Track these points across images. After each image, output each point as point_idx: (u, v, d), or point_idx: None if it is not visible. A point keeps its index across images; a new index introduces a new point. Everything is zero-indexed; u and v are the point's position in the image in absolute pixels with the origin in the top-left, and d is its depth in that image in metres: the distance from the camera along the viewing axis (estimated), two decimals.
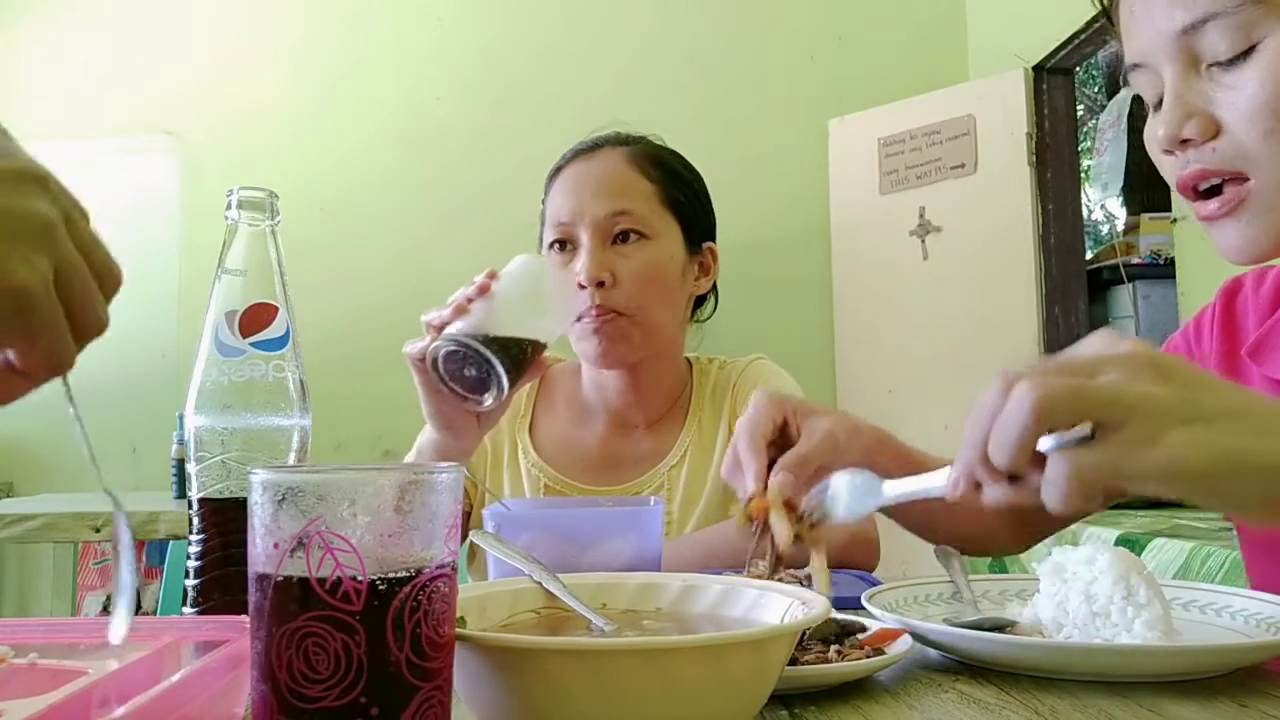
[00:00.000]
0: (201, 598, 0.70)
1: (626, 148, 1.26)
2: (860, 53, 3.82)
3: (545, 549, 0.74)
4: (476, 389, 0.98)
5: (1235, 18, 0.68)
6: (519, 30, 3.81)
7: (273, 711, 0.40)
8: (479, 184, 3.67)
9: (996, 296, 3.26)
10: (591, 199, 1.21)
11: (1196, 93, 0.72)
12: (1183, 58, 0.72)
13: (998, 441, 0.54)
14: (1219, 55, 0.70)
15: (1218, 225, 0.74)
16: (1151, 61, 0.74)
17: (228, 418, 0.70)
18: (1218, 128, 0.71)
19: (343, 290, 3.48)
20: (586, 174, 1.24)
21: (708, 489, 1.24)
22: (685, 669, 0.45)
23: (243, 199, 0.73)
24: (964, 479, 0.59)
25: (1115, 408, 0.52)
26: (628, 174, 1.23)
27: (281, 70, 3.76)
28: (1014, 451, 0.54)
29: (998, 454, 0.55)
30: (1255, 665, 0.64)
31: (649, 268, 1.20)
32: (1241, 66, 0.69)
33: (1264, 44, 0.68)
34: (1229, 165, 0.71)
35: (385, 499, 0.41)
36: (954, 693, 0.60)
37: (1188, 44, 0.71)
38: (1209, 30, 0.69)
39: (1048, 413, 0.52)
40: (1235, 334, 0.90)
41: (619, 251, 1.20)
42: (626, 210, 1.20)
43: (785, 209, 3.70)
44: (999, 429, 0.54)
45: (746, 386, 1.28)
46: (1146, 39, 0.74)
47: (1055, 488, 0.53)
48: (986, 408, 0.56)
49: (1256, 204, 0.72)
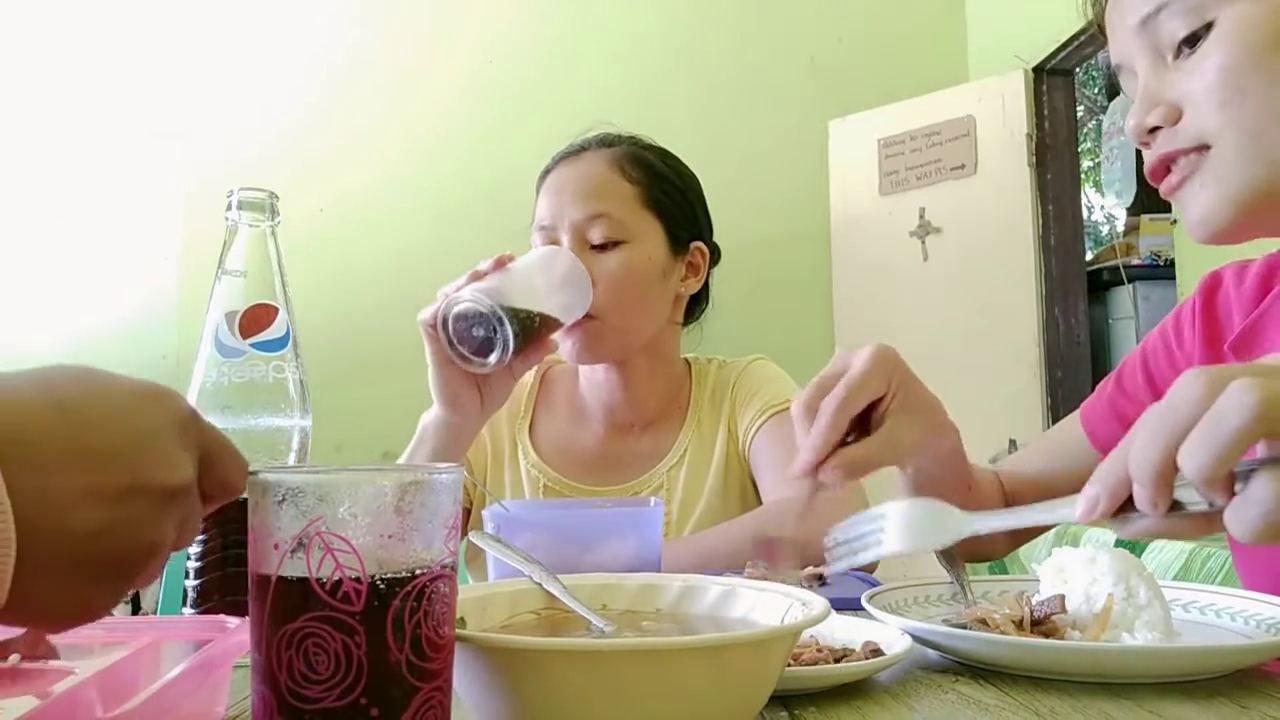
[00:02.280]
0: (201, 598, 0.70)
1: (610, 149, 1.26)
2: (860, 53, 3.82)
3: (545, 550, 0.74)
4: (482, 350, 1.02)
5: (1185, 3, 0.71)
6: (518, 30, 3.81)
7: (272, 712, 0.40)
8: (479, 184, 3.67)
9: (996, 297, 3.26)
10: (571, 202, 1.22)
11: (1165, 83, 0.74)
12: (1149, 51, 0.74)
13: (1203, 445, 0.47)
14: (1178, 39, 0.72)
15: (1178, 198, 0.76)
16: (1127, 61, 0.77)
17: (228, 418, 0.70)
18: (1179, 112, 0.73)
19: (343, 290, 3.48)
20: (568, 177, 1.25)
21: (707, 489, 1.24)
22: (685, 669, 0.45)
23: (243, 199, 0.74)
24: (1108, 495, 0.51)
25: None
26: (607, 176, 1.23)
27: (281, 70, 3.76)
28: (1222, 459, 0.46)
29: (1200, 458, 0.47)
30: (1255, 666, 0.64)
31: (623, 271, 1.20)
32: (1200, 48, 0.72)
33: (1217, 22, 0.71)
34: (1192, 141, 0.73)
35: (385, 499, 0.41)
36: (954, 693, 0.60)
37: (1150, 36, 0.74)
38: (1164, 19, 0.72)
39: (1272, 417, 0.46)
40: (1217, 329, 0.90)
41: (595, 255, 1.20)
42: (603, 213, 1.20)
43: (785, 209, 3.70)
44: (1207, 431, 0.47)
45: (746, 387, 1.29)
46: (1121, 39, 0.77)
47: (1258, 508, 0.46)
48: (1186, 407, 0.48)
49: (1211, 169, 0.73)
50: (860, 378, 0.75)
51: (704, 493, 1.24)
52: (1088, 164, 5.82)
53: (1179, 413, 0.48)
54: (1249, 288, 0.88)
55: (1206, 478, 0.47)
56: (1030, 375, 3.19)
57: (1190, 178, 0.74)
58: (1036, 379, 3.19)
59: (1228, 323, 0.89)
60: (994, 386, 3.19)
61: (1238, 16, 0.70)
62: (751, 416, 1.25)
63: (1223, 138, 0.72)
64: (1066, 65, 3.29)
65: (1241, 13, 0.70)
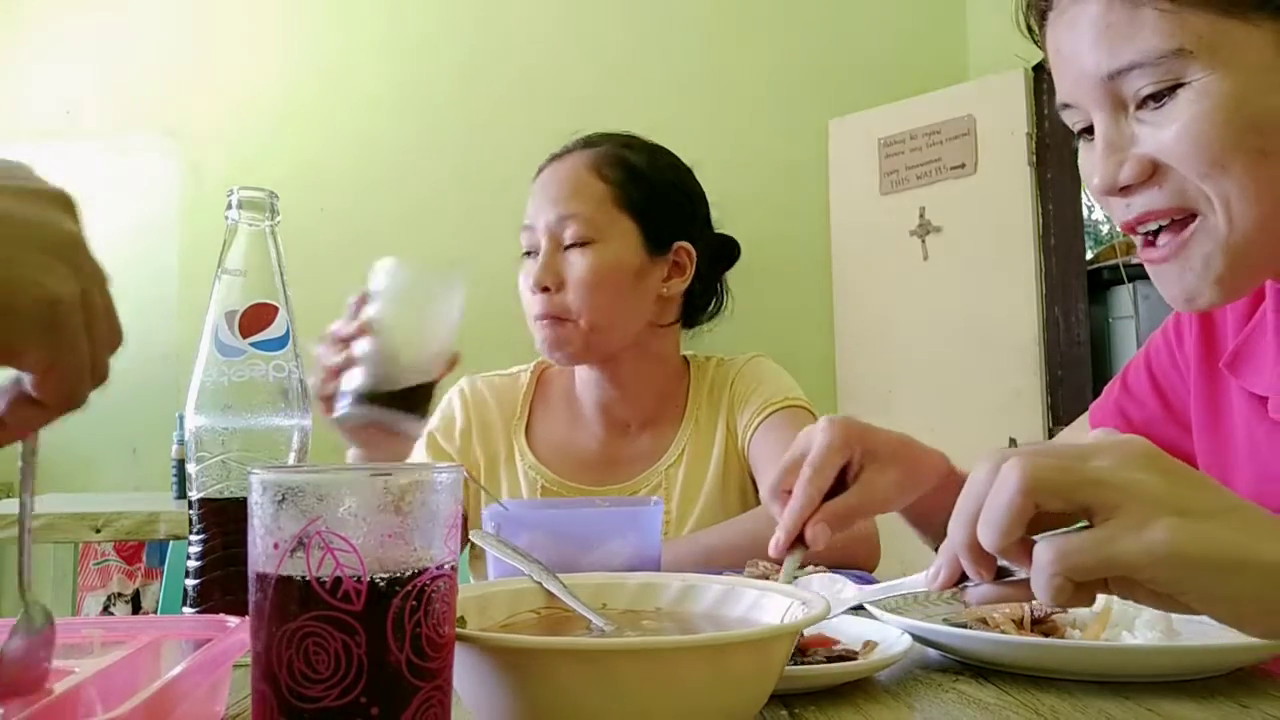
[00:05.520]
0: (201, 598, 0.70)
1: (591, 150, 1.27)
2: (860, 53, 3.81)
3: (545, 549, 0.74)
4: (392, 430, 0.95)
5: (1158, 68, 0.67)
6: (518, 30, 3.81)
7: (273, 711, 0.40)
8: (480, 184, 3.66)
9: (996, 296, 3.26)
10: (547, 203, 1.23)
11: (1126, 136, 0.71)
12: (1109, 102, 0.71)
13: (986, 520, 0.52)
14: (1143, 95, 0.69)
15: (1161, 270, 0.73)
16: (1079, 103, 0.73)
17: (228, 418, 0.70)
18: (1154, 168, 0.70)
19: (343, 290, 3.47)
20: (547, 180, 1.26)
21: (706, 488, 1.24)
22: (685, 669, 0.45)
23: (243, 199, 0.74)
24: (947, 567, 0.56)
25: (1106, 490, 0.50)
26: (582, 177, 1.24)
27: (282, 70, 3.76)
28: (1002, 532, 0.51)
29: (985, 534, 0.52)
30: (1255, 665, 0.64)
31: (590, 271, 1.20)
32: (1168, 107, 0.68)
33: (1189, 86, 0.67)
34: (1176, 203, 0.70)
35: (385, 499, 0.41)
36: (954, 693, 0.60)
37: (1112, 89, 0.70)
38: (1133, 76, 0.68)
39: (1037, 488, 0.50)
40: (1214, 341, 0.90)
41: (567, 256, 1.21)
42: (573, 214, 1.21)
43: (785, 209, 3.70)
44: (988, 508, 0.52)
45: (744, 385, 1.28)
46: (1073, 81, 0.73)
47: (1043, 574, 0.50)
48: (975, 489, 0.54)
49: (1200, 247, 0.70)
50: (822, 454, 0.78)
51: (703, 491, 1.24)
52: None
53: (971, 492, 0.54)
54: (1242, 303, 0.87)
55: (996, 549, 0.52)
56: (1030, 375, 3.19)
57: (1178, 253, 0.71)
58: (1036, 379, 3.18)
59: (1222, 332, 0.89)
60: (994, 386, 3.19)
61: (1210, 89, 0.66)
62: (750, 414, 1.25)
63: (1210, 210, 0.69)
64: None
65: (1215, 85, 0.66)
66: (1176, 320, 0.95)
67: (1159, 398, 0.96)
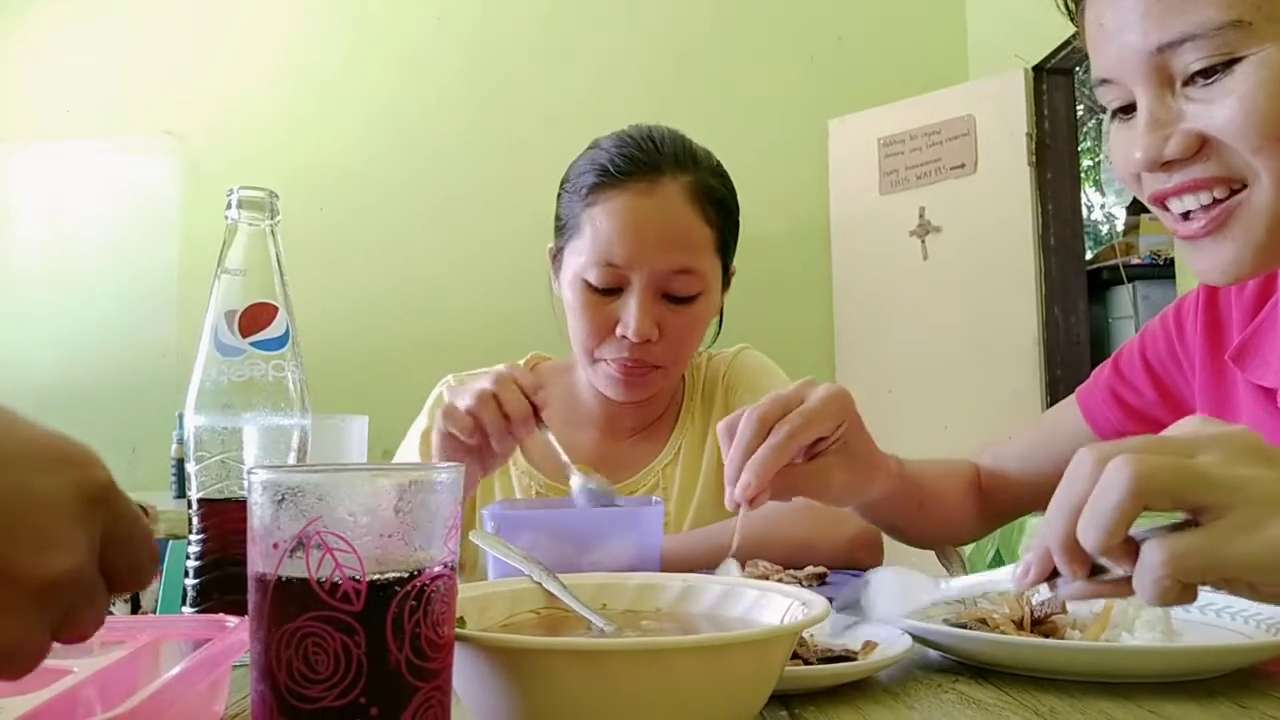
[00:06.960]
0: (201, 597, 0.70)
1: (686, 179, 1.13)
2: (860, 53, 3.82)
3: (544, 549, 0.74)
4: None
5: (1212, 40, 0.66)
6: (518, 30, 3.81)
7: (272, 711, 0.40)
8: (479, 183, 3.67)
9: (996, 296, 3.26)
10: (656, 248, 1.10)
11: (1173, 112, 0.69)
12: (1156, 76, 0.69)
13: (1091, 522, 0.50)
14: (1193, 70, 0.67)
15: (1198, 245, 0.72)
16: (1122, 78, 0.71)
17: (228, 418, 0.70)
18: (1201, 142, 0.69)
19: (343, 290, 3.48)
20: (646, 213, 1.11)
21: (701, 485, 1.24)
22: (685, 669, 0.45)
23: (243, 199, 0.73)
24: (1038, 564, 0.54)
25: (1218, 490, 0.49)
26: (689, 219, 1.12)
27: (281, 70, 3.76)
28: (1108, 532, 0.49)
29: (1089, 535, 0.50)
30: (1255, 666, 0.64)
31: (695, 324, 1.16)
32: (1221, 81, 0.66)
33: (1246, 60, 0.65)
34: (1222, 174, 0.69)
35: (385, 499, 0.41)
36: (954, 693, 0.60)
37: (1161, 62, 0.68)
38: (1185, 50, 0.67)
39: (1147, 490, 0.48)
40: (1219, 334, 0.89)
41: (670, 305, 1.13)
42: (690, 268, 1.12)
43: (785, 209, 3.70)
44: (1093, 507, 0.50)
45: (735, 380, 1.28)
46: (1117, 55, 0.71)
47: (1150, 574, 0.49)
48: (1077, 486, 0.51)
49: (1243, 219, 0.69)
50: (815, 412, 0.78)
51: (698, 488, 1.24)
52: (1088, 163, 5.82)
53: (1072, 490, 0.52)
54: (1249, 295, 0.87)
55: (1099, 550, 0.50)
56: (1030, 375, 3.19)
57: (1220, 229, 0.70)
58: (1036, 378, 3.18)
59: (1228, 325, 0.89)
60: (994, 386, 3.19)
61: (1271, 60, 0.65)
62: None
63: (1259, 183, 0.68)
64: (1066, 64, 3.29)
65: (1276, 56, 0.65)
66: (1178, 311, 0.95)
67: (1155, 386, 0.96)
